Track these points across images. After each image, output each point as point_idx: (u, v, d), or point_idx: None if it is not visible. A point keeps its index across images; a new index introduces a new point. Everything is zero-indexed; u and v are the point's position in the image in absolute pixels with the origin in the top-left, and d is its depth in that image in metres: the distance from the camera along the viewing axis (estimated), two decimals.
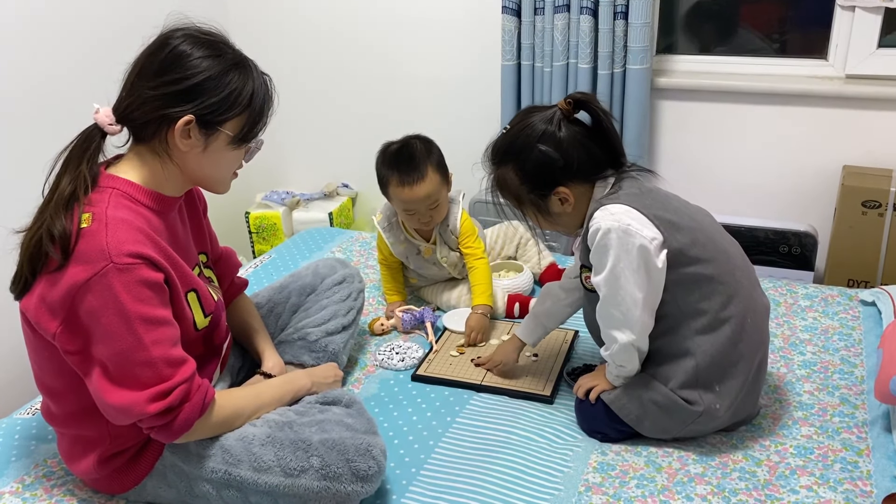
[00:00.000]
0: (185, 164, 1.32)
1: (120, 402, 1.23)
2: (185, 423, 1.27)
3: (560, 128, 1.45)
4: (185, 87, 1.25)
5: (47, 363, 1.33)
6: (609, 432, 1.54)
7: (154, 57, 1.27)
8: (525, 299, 2.05)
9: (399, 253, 2.05)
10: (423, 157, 1.90)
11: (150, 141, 1.30)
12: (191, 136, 1.28)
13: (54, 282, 1.22)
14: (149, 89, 1.25)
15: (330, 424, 1.35)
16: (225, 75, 1.28)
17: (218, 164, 1.35)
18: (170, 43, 1.27)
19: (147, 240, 1.26)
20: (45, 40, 2.29)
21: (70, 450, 1.40)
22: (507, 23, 2.60)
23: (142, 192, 1.31)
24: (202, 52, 1.27)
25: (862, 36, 2.45)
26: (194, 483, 1.34)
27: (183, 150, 1.29)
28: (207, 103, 1.26)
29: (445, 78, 2.88)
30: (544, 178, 1.46)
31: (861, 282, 2.40)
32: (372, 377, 1.82)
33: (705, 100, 2.65)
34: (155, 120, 1.26)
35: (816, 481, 1.41)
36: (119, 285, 1.19)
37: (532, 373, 1.77)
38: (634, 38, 2.48)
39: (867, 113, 2.47)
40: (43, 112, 2.30)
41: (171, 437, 1.29)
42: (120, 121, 1.29)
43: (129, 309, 1.20)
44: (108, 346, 1.21)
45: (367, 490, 1.33)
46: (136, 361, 1.22)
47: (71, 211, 1.23)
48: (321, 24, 2.97)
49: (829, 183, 2.56)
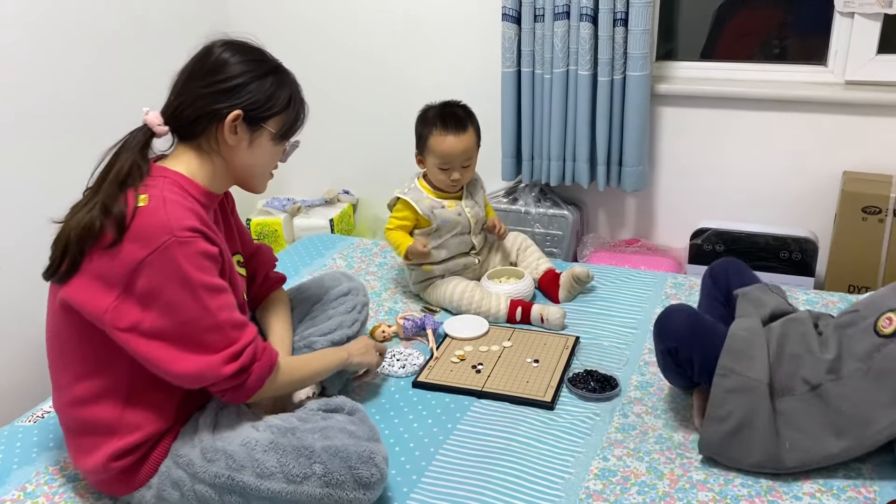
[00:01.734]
0: (232, 159, 1.42)
1: (193, 368, 1.29)
2: (258, 382, 1.35)
3: None
4: (232, 84, 1.37)
5: (77, 344, 1.35)
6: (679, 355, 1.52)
7: (202, 62, 1.39)
8: (527, 304, 2.06)
9: (425, 207, 2.10)
10: (466, 116, 2.07)
11: (197, 138, 1.39)
12: (237, 131, 1.38)
13: (111, 257, 1.27)
14: (199, 88, 1.37)
15: (333, 431, 1.35)
16: (266, 77, 1.40)
17: (261, 160, 1.45)
18: (214, 51, 1.39)
19: (200, 220, 1.34)
20: (45, 40, 2.30)
21: (80, 443, 1.39)
22: (507, 30, 2.61)
23: (191, 184, 1.38)
24: (245, 58, 1.40)
25: (861, 42, 2.46)
26: (197, 487, 1.34)
27: (230, 145, 1.39)
28: (252, 100, 1.38)
29: (446, 84, 2.87)
30: None
31: (861, 287, 2.40)
32: (373, 384, 1.82)
33: (705, 106, 2.66)
34: (205, 116, 1.37)
35: (820, 488, 1.41)
36: (182, 257, 1.26)
37: (533, 379, 1.77)
38: (634, 44, 2.49)
39: (867, 119, 2.48)
40: (42, 112, 2.31)
41: (244, 396, 1.35)
42: (168, 122, 1.38)
43: (194, 278, 1.27)
44: (173, 317, 1.27)
45: (370, 497, 1.33)
46: (204, 327, 1.29)
47: (125, 193, 1.30)
48: (322, 31, 2.99)
49: (830, 189, 2.56)
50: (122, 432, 1.35)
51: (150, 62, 2.64)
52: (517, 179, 2.87)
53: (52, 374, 1.42)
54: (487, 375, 1.80)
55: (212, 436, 1.36)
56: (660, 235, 2.88)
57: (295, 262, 2.45)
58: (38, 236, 2.30)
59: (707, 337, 1.51)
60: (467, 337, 1.96)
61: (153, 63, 2.65)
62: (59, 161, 2.36)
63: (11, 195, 2.24)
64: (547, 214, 2.79)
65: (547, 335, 1.97)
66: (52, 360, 1.41)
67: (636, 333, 1.98)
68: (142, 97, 2.60)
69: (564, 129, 2.68)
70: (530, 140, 2.74)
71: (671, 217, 2.84)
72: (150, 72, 2.64)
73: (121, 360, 1.33)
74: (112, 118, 2.52)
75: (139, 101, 2.79)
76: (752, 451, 1.44)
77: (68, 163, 2.39)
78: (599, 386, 1.72)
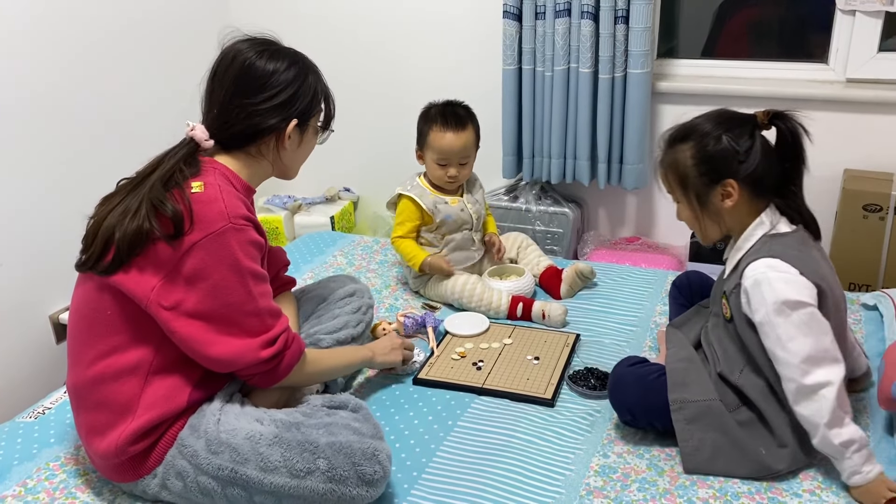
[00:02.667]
0: (282, 159, 1.50)
1: (230, 350, 1.34)
2: (287, 369, 1.42)
3: (752, 132, 1.45)
4: (284, 98, 1.44)
5: (112, 320, 1.37)
6: (640, 420, 1.54)
7: (244, 77, 1.42)
8: (528, 301, 2.06)
9: (429, 202, 2.13)
10: (466, 115, 2.11)
11: (246, 147, 1.46)
12: (292, 136, 1.47)
13: (164, 245, 1.31)
14: (252, 106, 1.42)
15: (337, 428, 1.36)
16: (306, 79, 1.48)
17: (305, 153, 1.55)
18: (250, 63, 1.42)
19: (249, 210, 1.42)
20: (43, 40, 2.30)
21: (94, 421, 1.39)
22: (507, 27, 2.61)
23: (235, 178, 1.45)
24: (282, 66, 1.44)
25: (862, 40, 2.45)
26: (200, 478, 1.35)
27: (286, 148, 1.48)
28: (302, 107, 1.47)
29: (446, 82, 2.88)
30: (719, 165, 1.46)
31: (862, 285, 2.40)
32: (374, 381, 1.82)
33: (706, 104, 2.60)
34: (261, 131, 1.44)
35: (819, 485, 1.41)
36: (235, 243, 1.33)
37: (533, 376, 1.77)
38: (635, 42, 2.49)
39: (868, 117, 2.48)
40: (42, 110, 2.31)
41: (274, 380, 1.42)
42: (215, 135, 1.44)
43: (243, 264, 1.34)
44: (218, 299, 1.33)
45: (372, 495, 1.33)
46: (246, 312, 1.35)
47: (171, 192, 1.34)
48: (323, 29, 2.98)
49: (830, 187, 2.56)
50: (137, 412, 1.36)
51: (149, 61, 2.65)
52: (518, 177, 2.87)
53: (74, 351, 1.42)
54: (488, 372, 1.80)
55: (217, 428, 1.36)
56: (660, 233, 2.88)
57: (296, 259, 2.45)
58: (37, 233, 2.32)
59: (659, 393, 1.51)
60: (468, 334, 1.96)
61: (152, 62, 2.65)
62: (57, 159, 2.36)
63: (10, 193, 2.24)
64: (547, 212, 2.79)
65: (547, 332, 1.97)
66: (77, 337, 1.42)
67: (636, 331, 1.99)
68: (141, 95, 2.62)
69: (565, 127, 2.68)
70: (531, 138, 2.74)
71: (672, 215, 2.78)
72: (149, 70, 2.65)
73: (153, 338, 1.37)
74: (112, 117, 2.53)
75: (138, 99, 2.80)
76: (739, 466, 1.44)
77: (67, 161, 2.39)
78: (600, 383, 1.72)
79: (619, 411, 1.56)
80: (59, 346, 2.42)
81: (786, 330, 1.38)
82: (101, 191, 1.44)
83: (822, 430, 1.35)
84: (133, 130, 2.56)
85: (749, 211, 1.49)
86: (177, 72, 2.69)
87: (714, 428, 1.46)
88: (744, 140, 1.45)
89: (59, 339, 2.42)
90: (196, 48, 2.73)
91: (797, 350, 1.37)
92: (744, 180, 1.46)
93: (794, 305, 1.38)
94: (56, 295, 2.40)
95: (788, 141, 1.46)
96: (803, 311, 1.38)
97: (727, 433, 1.45)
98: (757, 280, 1.41)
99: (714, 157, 1.46)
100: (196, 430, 1.37)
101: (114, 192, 1.42)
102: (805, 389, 1.36)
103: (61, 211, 2.34)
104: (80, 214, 1.43)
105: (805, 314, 1.38)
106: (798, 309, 1.38)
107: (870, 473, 1.34)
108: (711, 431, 1.46)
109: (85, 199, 1.46)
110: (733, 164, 1.45)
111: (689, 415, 1.47)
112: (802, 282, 1.40)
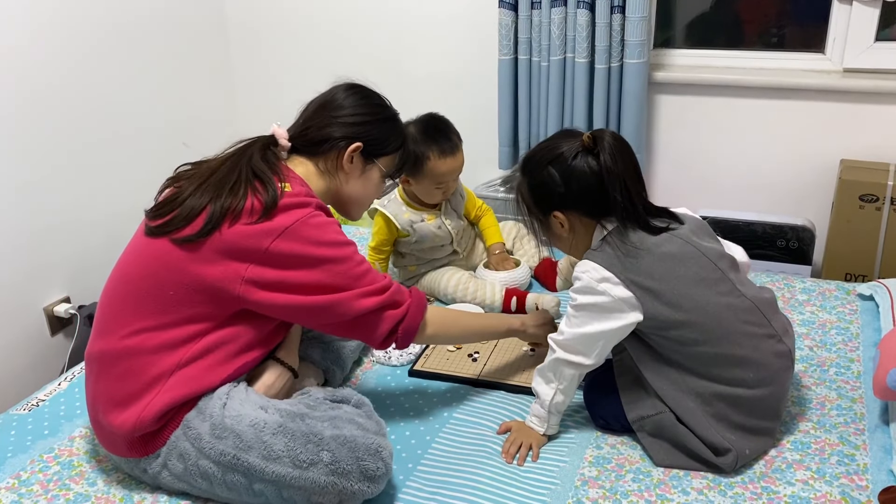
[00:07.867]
0: (343, 183, 1.57)
1: (370, 304, 1.43)
2: (418, 315, 1.50)
3: (576, 157, 1.45)
4: (357, 120, 1.55)
5: (171, 300, 1.38)
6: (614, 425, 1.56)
7: (333, 99, 1.57)
8: (522, 294, 2.05)
9: (404, 222, 2.06)
10: (449, 128, 1.99)
11: (317, 157, 1.55)
12: (353, 160, 1.55)
13: (253, 228, 1.38)
14: (328, 118, 1.55)
15: (342, 422, 1.36)
16: (385, 122, 1.60)
17: (366, 190, 1.62)
18: (343, 92, 1.58)
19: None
20: (42, 39, 2.29)
21: (115, 395, 1.38)
22: (503, 17, 2.60)
23: (307, 188, 1.51)
24: (372, 101, 1.59)
25: (859, 29, 2.44)
26: (202, 462, 1.35)
27: (346, 171, 1.56)
28: (372, 137, 1.56)
29: (442, 73, 2.87)
30: (544, 199, 1.51)
31: (858, 276, 2.40)
32: (369, 373, 1.82)
33: (703, 94, 2.65)
34: (330, 140, 1.53)
35: (813, 475, 1.41)
36: (323, 222, 1.44)
37: (529, 367, 1.77)
38: (632, 32, 2.48)
39: (865, 107, 2.47)
40: (41, 109, 2.30)
41: (414, 321, 1.50)
42: (293, 138, 1.55)
43: (332, 238, 1.44)
44: (326, 272, 1.40)
45: (373, 491, 1.34)
46: (356, 274, 1.43)
47: (266, 180, 1.42)
48: (316, 21, 2.97)
49: (827, 177, 2.56)
50: (164, 387, 1.36)
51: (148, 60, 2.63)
52: (514, 168, 2.86)
53: (110, 318, 1.42)
54: (483, 364, 1.80)
55: (222, 412, 1.36)
56: None
57: None
58: (31, 226, 2.31)
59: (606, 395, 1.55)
60: None
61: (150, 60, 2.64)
62: (56, 156, 2.35)
63: (2, 185, 2.24)
64: None
65: None
66: (117, 306, 1.42)
67: None
68: (138, 92, 2.60)
69: (561, 118, 2.67)
70: (527, 128, 2.73)
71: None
72: (147, 68, 2.64)
73: (209, 321, 1.38)
74: (111, 115, 2.52)
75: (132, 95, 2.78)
76: (701, 464, 1.45)
77: (66, 157, 2.38)
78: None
79: (595, 420, 1.59)
80: (53, 339, 2.42)
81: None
82: (95, 184, 1.44)
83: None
84: (128, 124, 2.54)
85: (587, 232, 1.51)
86: (169, 71, 2.67)
87: (678, 438, 1.45)
88: (565, 168, 1.46)
89: (53, 331, 2.42)
90: (192, 47, 2.72)
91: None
92: (569, 208, 1.49)
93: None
94: (50, 287, 2.39)
95: (606, 165, 1.42)
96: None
97: (693, 437, 1.45)
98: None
99: (539, 190, 1.51)
100: (202, 413, 1.37)
101: (191, 170, 1.49)
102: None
103: (56, 204, 2.33)
104: (74, 207, 1.42)
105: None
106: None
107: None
108: (679, 440, 1.45)
109: (79, 192, 1.46)
110: (554, 197, 1.48)
111: (650, 430, 1.48)
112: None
